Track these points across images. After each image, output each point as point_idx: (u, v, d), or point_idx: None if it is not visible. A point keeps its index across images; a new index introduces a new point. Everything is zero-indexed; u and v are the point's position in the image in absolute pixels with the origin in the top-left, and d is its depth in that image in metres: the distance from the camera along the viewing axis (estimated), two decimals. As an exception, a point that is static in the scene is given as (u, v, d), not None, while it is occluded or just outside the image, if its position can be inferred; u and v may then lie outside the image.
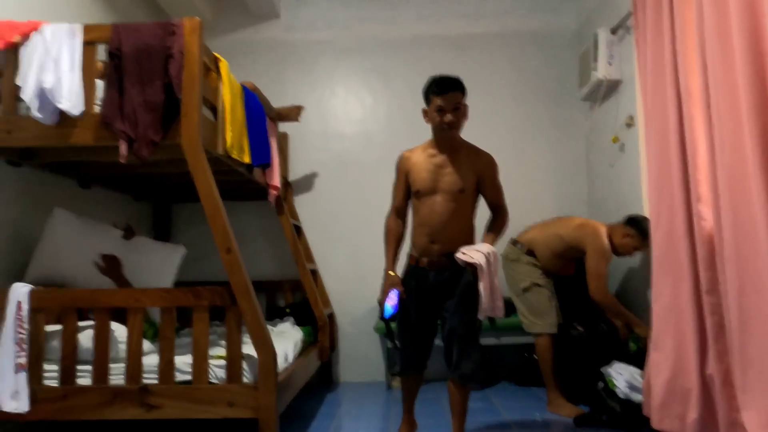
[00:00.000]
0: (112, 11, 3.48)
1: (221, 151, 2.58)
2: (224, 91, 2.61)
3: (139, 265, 2.90)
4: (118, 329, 2.38)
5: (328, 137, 4.33)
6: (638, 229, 3.02)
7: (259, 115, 3.07)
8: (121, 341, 2.38)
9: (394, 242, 2.48)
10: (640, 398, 2.67)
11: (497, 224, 2.45)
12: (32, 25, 2.30)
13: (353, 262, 4.21)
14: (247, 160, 2.87)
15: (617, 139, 3.55)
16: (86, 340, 2.34)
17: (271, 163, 3.26)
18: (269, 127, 3.30)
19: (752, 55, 1.98)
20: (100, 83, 2.35)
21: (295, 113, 3.81)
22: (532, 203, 4.05)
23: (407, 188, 2.47)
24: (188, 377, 2.34)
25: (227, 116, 2.62)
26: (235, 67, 3.90)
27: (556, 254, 3.22)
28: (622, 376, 2.79)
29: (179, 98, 2.28)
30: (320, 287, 4.07)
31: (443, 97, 2.27)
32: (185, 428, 2.74)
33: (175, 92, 2.27)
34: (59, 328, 2.32)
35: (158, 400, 2.27)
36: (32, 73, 2.19)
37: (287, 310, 3.95)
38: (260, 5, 4.20)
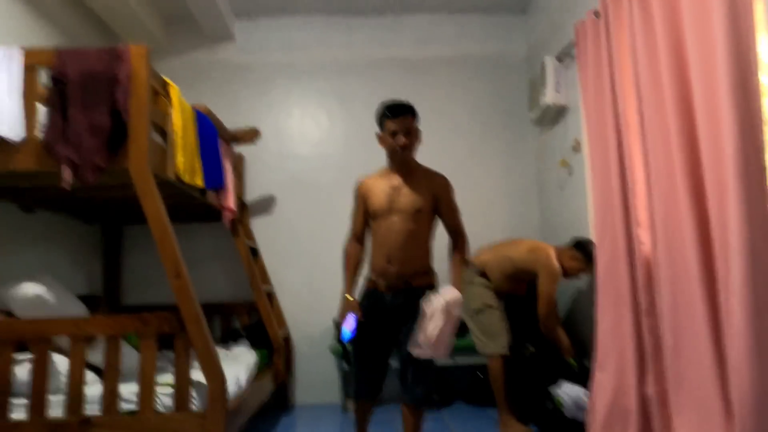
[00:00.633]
0: (58, 32, 3.41)
1: (172, 175, 2.55)
2: (175, 115, 2.59)
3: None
4: (59, 360, 2.31)
5: (284, 158, 4.33)
6: (584, 252, 3.13)
7: (212, 137, 3.06)
8: (62, 372, 2.30)
9: (352, 267, 2.49)
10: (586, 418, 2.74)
11: (460, 252, 2.45)
12: (-31, 47, 2.24)
13: (310, 283, 4.20)
14: (199, 183, 2.85)
15: (566, 162, 3.67)
16: (23, 372, 2.25)
17: (225, 185, 3.24)
18: (223, 149, 3.28)
19: (679, 89, 2.10)
20: (41, 107, 2.30)
21: (250, 136, 3.80)
22: (484, 225, 4.12)
23: (365, 213, 2.49)
24: (134, 407, 2.28)
25: (178, 140, 2.60)
26: (189, 88, 3.90)
27: (507, 276, 3.29)
28: (569, 396, 2.85)
29: (126, 123, 2.25)
30: (276, 309, 4.04)
31: (396, 120, 2.32)
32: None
33: (122, 117, 2.24)
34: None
35: (101, 431, 2.20)
36: (-31, 97, 2.13)
37: (242, 332, 3.89)
38: (214, 27, 4.19)
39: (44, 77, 2.35)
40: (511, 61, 4.46)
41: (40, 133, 2.27)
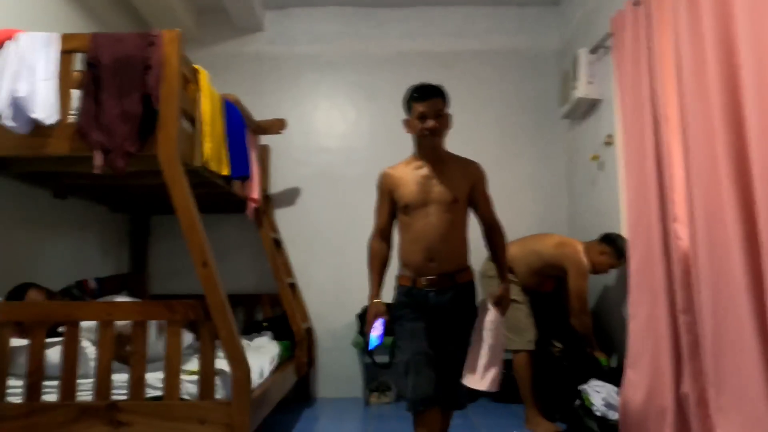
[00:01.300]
0: (94, 21, 3.46)
1: (199, 163, 2.55)
2: (204, 102, 2.59)
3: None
4: (88, 345, 2.33)
5: (310, 151, 4.31)
6: (614, 247, 3.05)
7: (239, 127, 3.05)
8: (91, 357, 2.32)
9: (378, 266, 2.23)
10: (616, 416, 2.67)
11: (499, 248, 2.30)
12: (7, 33, 2.27)
13: (333, 276, 4.18)
14: (225, 172, 2.85)
15: (597, 157, 3.59)
16: (55, 355, 2.28)
17: (250, 175, 3.24)
18: (250, 139, 3.28)
19: (727, 80, 2.01)
20: (76, 93, 2.32)
21: (277, 126, 3.79)
22: (512, 219, 3.98)
23: (392, 207, 2.24)
24: (159, 393, 2.29)
25: (206, 128, 2.59)
26: (218, 79, 3.90)
27: (534, 271, 3.23)
28: (599, 394, 2.78)
29: (157, 109, 2.26)
30: (299, 301, 4.03)
31: (425, 103, 2.14)
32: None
33: (153, 103, 2.24)
34: (26, 342, 2.26)
35: (127, 417, 2.22)
36: (6, 82, 2.16)
37: (265, 324, 3.89)
38: (244, 18, 4.20)
39: (79, 63, 2.37)
40: (543, 54, 4.38)
41: (72, 118, 2.29)
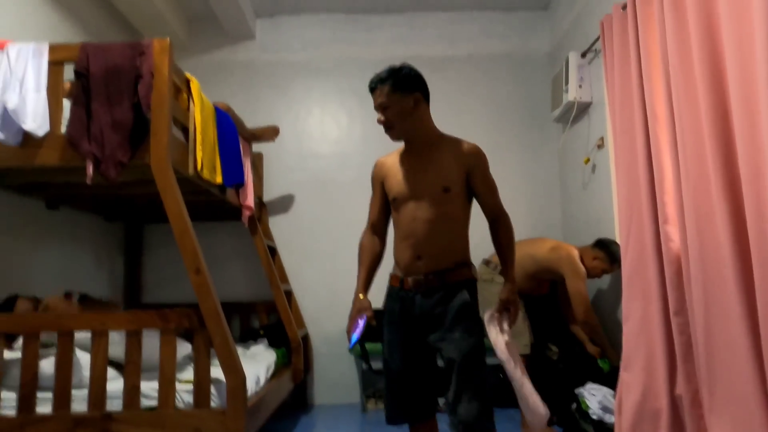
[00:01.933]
0: (84, 31, 3.45)
1: (192, 171, 2.55)
2: (195, 111, 2.59)
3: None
4: (82, 356, 2.32)
5: (303, 157, 4.32)
6: (606, 252, 3.07)
7: (231, 135, 3.05)
8: (85, 367, 2.31)
9: (367, 261, 2.05)
10: (613, 419, 2.67)
11: (503, 242, 2.02)
12: (-3, 44, 2.27)
13: (328, 283, 4.17)
14: (219, 180, 2.85)
15: (588, 160, 3.61)
16: (48, 366, 2.26)
17: (244, 183, 3.24)
18: (243, 147, 3.28)
19: (713, 81, 2.03)
20: (67, 103, 2.32)
21: (270, 134, 3.80)
22: (506, 223, 4.08)
23: (384, 199, 2.08)
24: (154, 402, 2.28)
25: (198, 136, 2.59)
26: (210, 87, 3.92)
27: (529, 275, 3.23)
28: (595, 397, 2.79)
29: (148, 118, 2.26)
30: (295, 308, 4.02)
31: (373, 96, 1.97)
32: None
33: (144, 112, 2.24)
34: (18, 355, 2.25)
35: (122, 427, 2.20)
36: (-4, 93, 2.15)
37: (261, 331, 3.89)
38: (235, 26, 4.20)
39: (69, 73, 2.37)
40: (533, 58, 4.41)
41: (64, 128, 2.29)
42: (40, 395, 2.23)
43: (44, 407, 2.24)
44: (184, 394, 2.31)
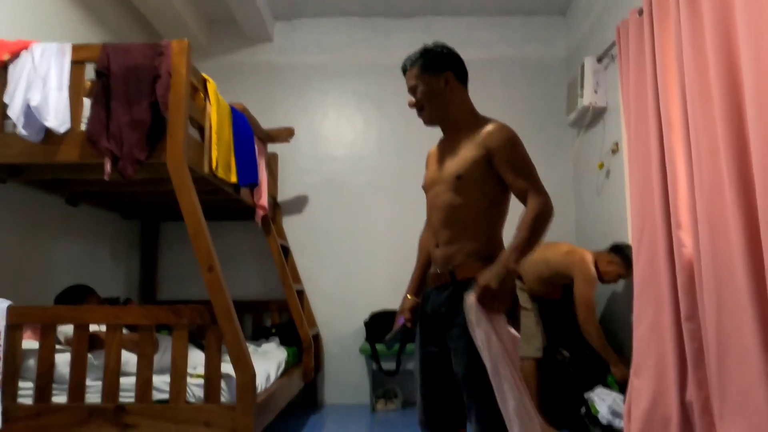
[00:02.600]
0: (106, 32, 3.53)
1: (207, 170, 2.60)
2: (211, 111, 2.64)
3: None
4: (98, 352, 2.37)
5: (318, 159, 4.36)
6: (622, 256, 3.04)
7: (247, 135, 3.10)
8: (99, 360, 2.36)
9: (420, 258, 1.93)
10: (622, 424, 2.65)
11: (522, 221, 1.67)
12: (22, 44, 2.34)
13: (341, 283, 4.20)
14: (233, 179, 2.89)
15: (603, 165, 3.59)
16: (64, 362, 2.32)
17: (258, 182, 3.28)
18: (258, 147, 3.33)
19: (728, 87, 2.01)
20: (87, 102, 2.38)
21: (285, 135, 3.84)
22: (519, 227, 4.07)
23: None
24: (166, 396, 2.32)
25: (214, 136, 2.64)
26: (228, 89, 3.98)
27: (542, 279, 3.23)
28: (604, 401, 2.77)
29: (165, 117, 2.31)
30: (306, 308, 4.06)
31: (405, 79, 1.85)
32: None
33: (161, 111, 2.29)
34: (36, 345, 2.31)
35: (134, 419, 2.25)
36: (20, 90, 2.22)
37: (273, 330, 3.93)
38: (254, 29, 4.26)
39: (90, 72, 2.43)
40: (549, 63, 4.40)
41: (84, 126, 2.35)
42: (56, 386, 2.29)
43: (60, 398, 2.30)
44: (195, 388, 2.35)
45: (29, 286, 2.83)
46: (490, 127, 1.77)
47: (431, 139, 2.03)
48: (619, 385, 2.87)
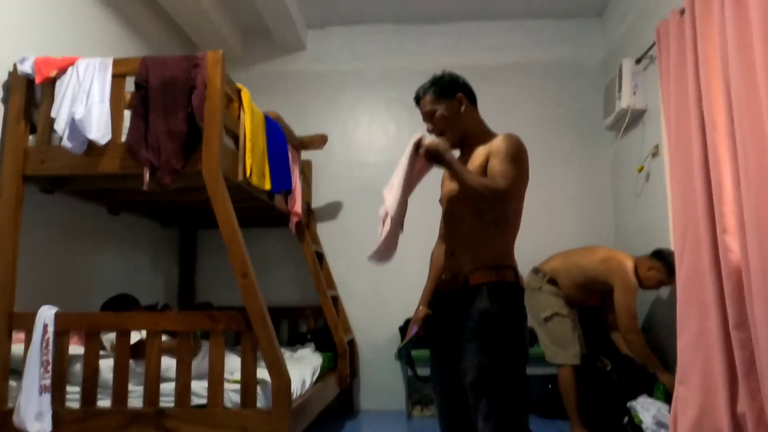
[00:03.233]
0: (146, 45, 3.64)
1: (241, 178, 2.64)
2: (245, 120, 2.68)
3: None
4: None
5: (351, 166, 4.38)
6: (664, 262, 2.94)
7: (280, 143, 3.14)
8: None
9: (432, 271, 2.00)
10: (666, 436, 2.57)
11: (481, 176, 1.78)
12: (68, 60, 2.42)
13: (375, 289, 4.20)
14: (267, 186, 2.93)
15: (642, 168, 3.50)
16: (108, 365, 2.38)
17: (292, 189, 3.31)
18: (291, 155, 3.36)
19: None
20: (127, 113, 2.45)
21: (318, 142, 3.87)
22: (558, 233, 4.01)
23: None
24: (204, 401, 2.36)
25: (248, 144, 2.68)
26: (263, 97, 4.03)
27: (577, 285, 3.16)
28: (648, 411, 2.69)
29: (201, 127, 2.35)
30: (341, 314, 4.07)
31: (419, 108, 1.99)
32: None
33: (197, 122, 2.34)
34: (81, 351, 2.38)
35: (174, 423, 2.29)
36: (65, 105, 2.31)
37: (308, 335, 3.96)
38: (287, 38, 4.32)
39: (130, 85, 2.50)
40: (586, 66, 4.32)
41: (124, 137, 2.41)
42: (102, 390, 2.35)
43: (104, 402, 2.36)
44: (231, 393, 2.38)
45: (74, 292, 2.92)
46: (497, 138, 1.85)
47: (461, 144, 2.02)
48: (666, 393, 2.78)
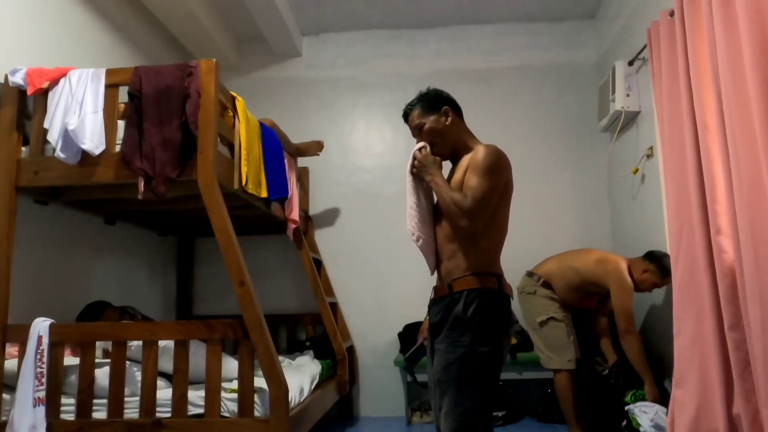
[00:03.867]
0: (140, 54, 3.65)
1: (237, 186, 2.64)
2: (240, 128, 2.69)
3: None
4: (137, 367, 2.42)
5: (349, 171, 4.38)
6: (658, 265, 2.95)
7: (276, 150, 3.14)
8: (139, 378, 2.41)
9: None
10: (665, 439, 2.57)
11: (457, 192, 1.84)
12: (60, 71, 2.43)
13: (374, 295, 4.20)
14: (264, 194, 2.93)
15: (637, 170, 3.50)
16: (103, 374, 2.38)
17: (288, 196, 3.31)
18: (288, 161, 3.36)
19: (766, 89, 1.94)
20: (120, 123, 2.45)
21: (314, 148, 3.87)
22: (554, 235, 4.01)
23: None
24: (201, 410, 2.35)
25: (243, 152, 2.68)
26: (258, 104, 4.05)
27: (572, 288, 3.16)
28: (646, 414, 2.69)
29: (196, 136, 2.36)
30: (340, 320, 4.06)
31: (407, 124, 2.06)
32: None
33: (191, 130, 2.35)
34: (75, 361, 2.37)
35: (171, 433, 2.28)
36: (58, 115, 2.31)
37: (307, 343, 3.95)
38: (282, 45, 4.33)
39: (124, 95, 2.51)
40: (580, 68, 4.33)
41: (118, 147, 2.42)
42: (96, 401, 2.35)
43: (100, 413, 2.35)
44: (229, 402, 2.37)
45: (70, 304, 2.92)
46: (476, 152, 1.88)
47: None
48: (635, 399, 2.85)
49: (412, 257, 4.39)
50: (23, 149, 2.48)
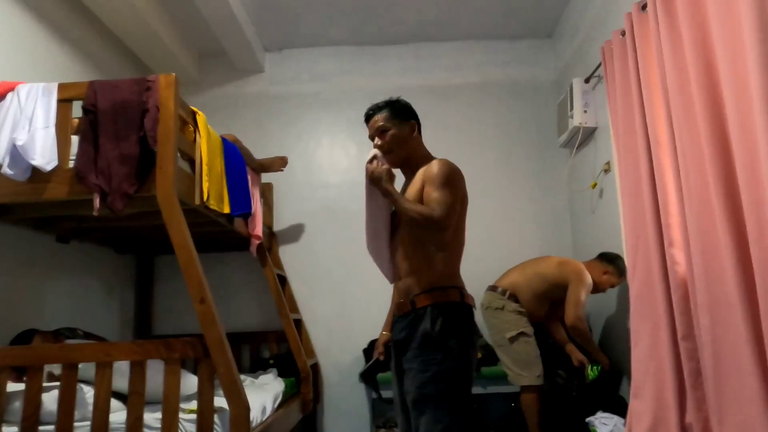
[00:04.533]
0: (96, 69, 3.56)
1: (198, 201, 2.60)
2: (201, 143, 2.65)
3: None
4: (85, 388, 2.33)
5: (313, 187, 4.36)
6: (615, 265, 3.10)
7: (239, 165, 3.11)
8: (90, 401, 2.31)
9: (395, 294, 2.11)
10: (625, 449, 2.60)
11: (420, 205, 1.88)
12: (7, 85, 2.35)
13: (339, 311, 4.17)
14: (226, 210, 2.88)
15: (596, 184, 3.59)
16: (51, 399, 2.27)
17: (252, 212, 3.27)
18: (251, 177, 3.33)
19: (710, 104, 2.02)
20: (75, 139, 2.39)
21: (278, 164, 3.85)
22: (516, 249, 4.04)
23: None
24: (157, 434, 2.27)
25: (204, 167, 2.64)
26: (221, 120, 4.01)
27: (539, 295, 3.19)
28: (606, 426, 2.72)
29: (154, 151, 2.31)
30: (305, 337, 4.01)
31: (367, 127, 2.09)
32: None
33: (150, 145, 2.30)
34: (22, 387, 2.26)
35: (125, 459, 2.20)
36: (5, 131, 2.23)
37: (271, 361, 3.88)
38: (245, 60, 4.31)
39: (78, 110, 2.44)
40: (539, 85, 4.43)
41: (72, 163, 2.35)
42: (42, 429, 2.24)
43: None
44: (186, 423, 2.30)
45: (21, 327, 2.78)
46: (431, 165, 1.92)
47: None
48: (599, 374, 3.01)
49: (377, 273, 4.36)
50: (-31, 166, 2.38)
